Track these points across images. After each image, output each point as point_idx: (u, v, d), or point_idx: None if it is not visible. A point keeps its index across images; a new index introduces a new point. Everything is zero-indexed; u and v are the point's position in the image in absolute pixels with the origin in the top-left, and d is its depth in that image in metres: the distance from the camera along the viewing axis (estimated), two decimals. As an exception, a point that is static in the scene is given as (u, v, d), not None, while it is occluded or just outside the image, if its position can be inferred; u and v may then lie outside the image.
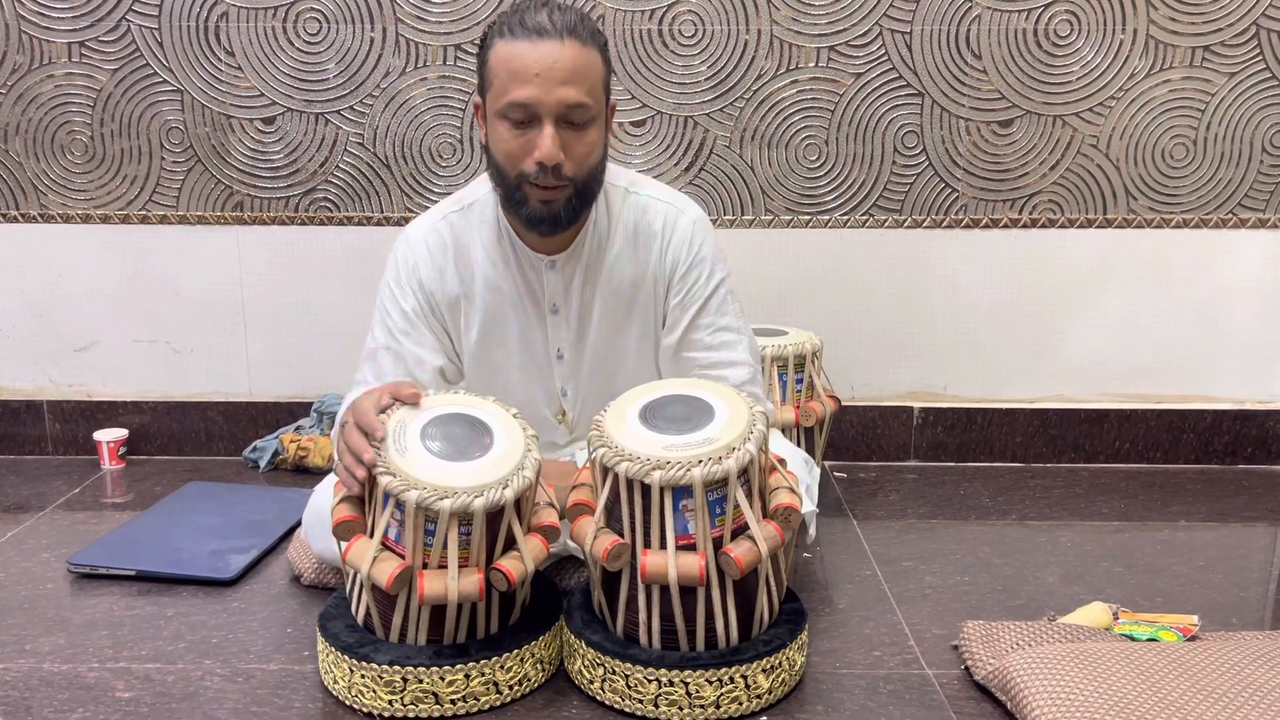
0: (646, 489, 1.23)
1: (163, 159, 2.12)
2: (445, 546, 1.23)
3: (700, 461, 1.21)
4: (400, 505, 1.23)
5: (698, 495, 1.21)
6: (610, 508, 1.28)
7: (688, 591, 1.25)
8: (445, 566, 1.24)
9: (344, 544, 1.28)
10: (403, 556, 1.25)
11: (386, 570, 1.23)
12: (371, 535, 1.27)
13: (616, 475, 1.24)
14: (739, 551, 1.23)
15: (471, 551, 1.25)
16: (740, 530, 1.26)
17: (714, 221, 2.12)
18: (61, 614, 1.55)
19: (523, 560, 1.27)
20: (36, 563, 1.72)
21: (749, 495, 1.25)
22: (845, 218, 2.13)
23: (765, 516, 1.28)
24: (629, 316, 1.56)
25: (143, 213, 2.14)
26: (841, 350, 2.18)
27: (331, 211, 2.14)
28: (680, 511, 1.23)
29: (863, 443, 2.23)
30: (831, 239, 2.14)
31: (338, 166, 2.12)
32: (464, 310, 1.55)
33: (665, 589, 1.25)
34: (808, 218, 2.13)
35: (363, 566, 1.24)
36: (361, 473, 1.27)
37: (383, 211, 2.13)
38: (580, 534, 1.29)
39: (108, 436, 2.19)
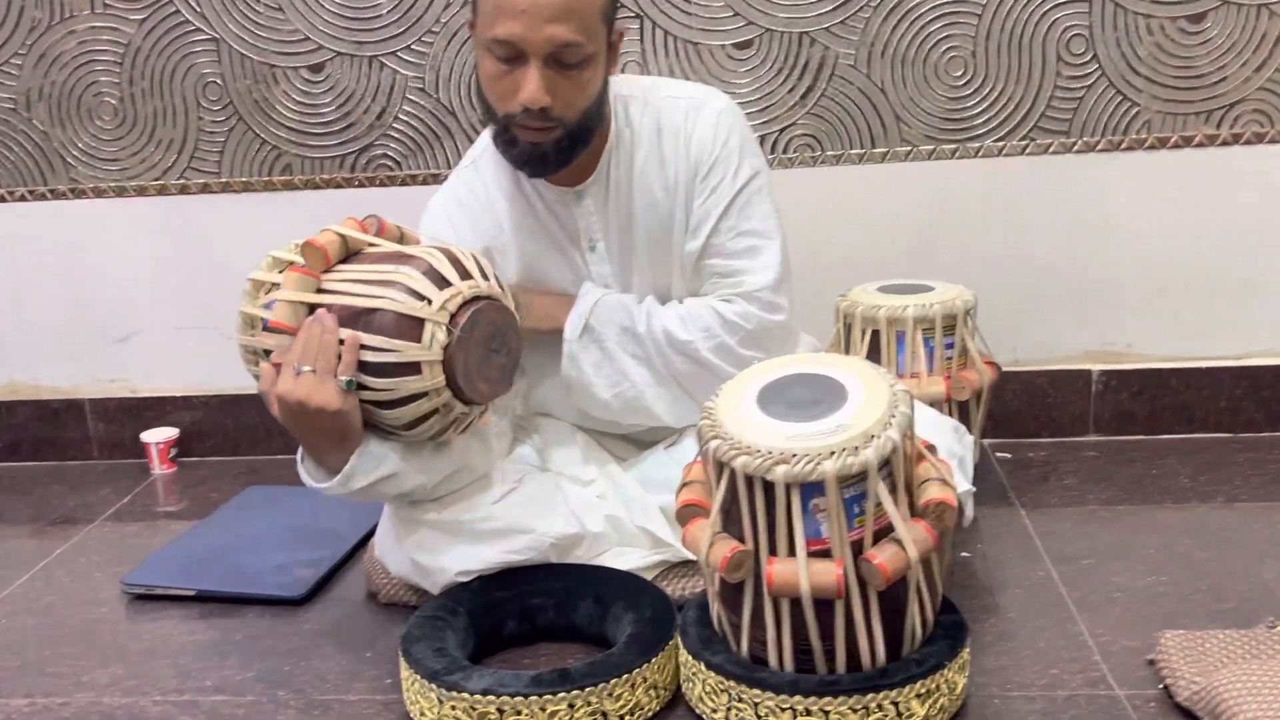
0: (769, 487, 1.23)
1: (200, 118, 2.19)
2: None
3: (832, 453, 1.21)
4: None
5: (831, 493, 1.22)
6: (728, 509, 1.29)
7: (823, 605, 1.26)
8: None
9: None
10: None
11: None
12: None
13: (734, 471, 1.25)
14: (883, 557, 1.23)
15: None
16: (884, 532, 1.26)
17: (838, 157, 2.10)
18: (119, 641, 1.64)
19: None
20: (88, 584, 1.83)
21: (893, 490, 1.25)
22: (1000, 144, 2.09)
23: (913, 515, 1.28)
24: (671, 234, 1.62)
25: (181, 181, 2.23)
26: (999, 306, 2.14)
27: (393, 170, 2.19)
28: (811, 512, 1.24)
29: (1030, 416, 2.20)
30: (983, 170, 2.11)
31: (397, 117, 2.16)
32: (495, 262, 1.61)
33: (797, 602, 1.26)
34: (953, 146, 2.10)
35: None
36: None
37: (449, 167, 2.15)
38: (694, 540, 1.31)
39: (156, 437, 2.29)
